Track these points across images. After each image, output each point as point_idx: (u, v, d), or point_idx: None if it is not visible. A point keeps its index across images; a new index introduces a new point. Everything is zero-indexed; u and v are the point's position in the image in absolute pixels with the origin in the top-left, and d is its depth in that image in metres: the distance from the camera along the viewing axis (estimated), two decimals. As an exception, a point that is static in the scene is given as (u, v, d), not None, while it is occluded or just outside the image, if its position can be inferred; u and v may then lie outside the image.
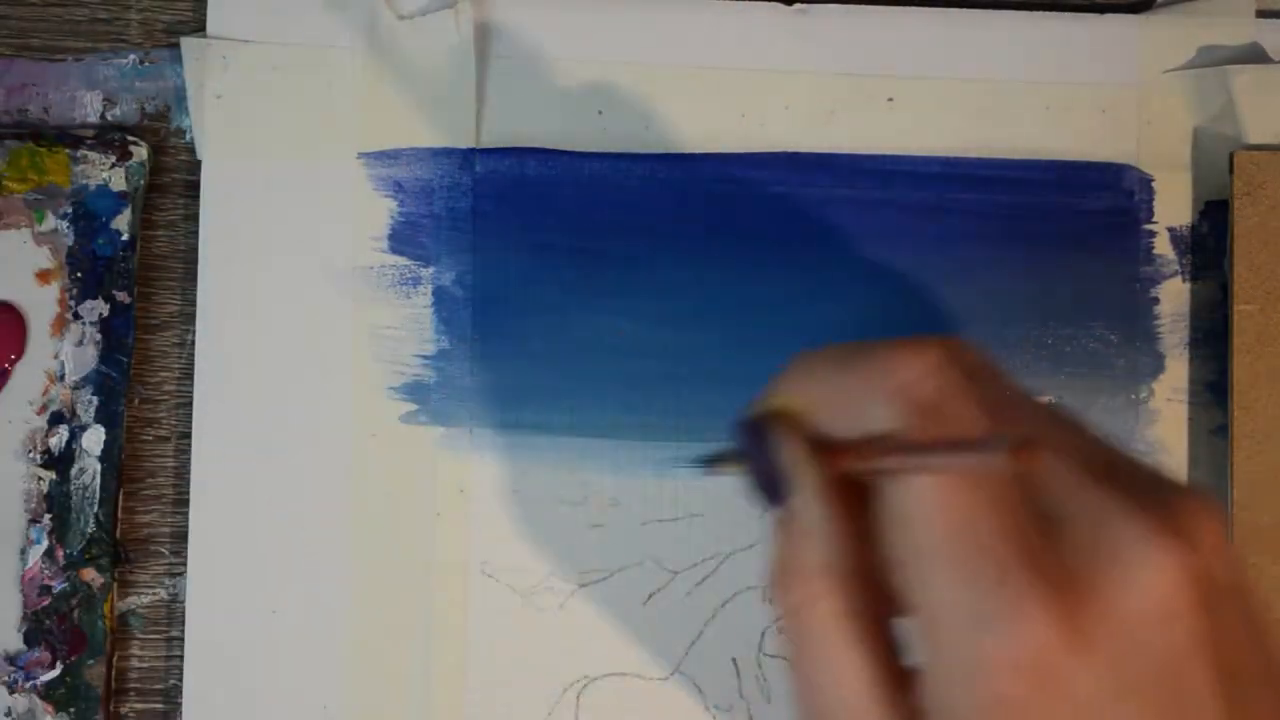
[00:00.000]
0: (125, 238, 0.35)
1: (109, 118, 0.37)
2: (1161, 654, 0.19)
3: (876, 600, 0.22)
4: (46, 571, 0.35)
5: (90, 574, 0.35)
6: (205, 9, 0.36)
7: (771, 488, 0.24)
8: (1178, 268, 0.37)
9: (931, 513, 0.21)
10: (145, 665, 0.36)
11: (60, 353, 0.35)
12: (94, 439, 0.35)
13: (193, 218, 0.36)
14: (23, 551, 0.35)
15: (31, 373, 0.35)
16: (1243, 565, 0.21)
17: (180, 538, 0.36)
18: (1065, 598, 0.19)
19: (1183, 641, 0.19)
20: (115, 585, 0.35)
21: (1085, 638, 0.19)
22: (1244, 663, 0.20)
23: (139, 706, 0.36)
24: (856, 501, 0.23)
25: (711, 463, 0.28)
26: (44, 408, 0.35)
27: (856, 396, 0.22)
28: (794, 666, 0.23)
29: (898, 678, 0.22)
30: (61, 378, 0.35)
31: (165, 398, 0.36)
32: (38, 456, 0.35)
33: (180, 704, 0.35)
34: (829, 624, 0.22)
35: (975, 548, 0.20)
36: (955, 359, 0.22)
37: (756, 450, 0.24)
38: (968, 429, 0.21)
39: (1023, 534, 0.20)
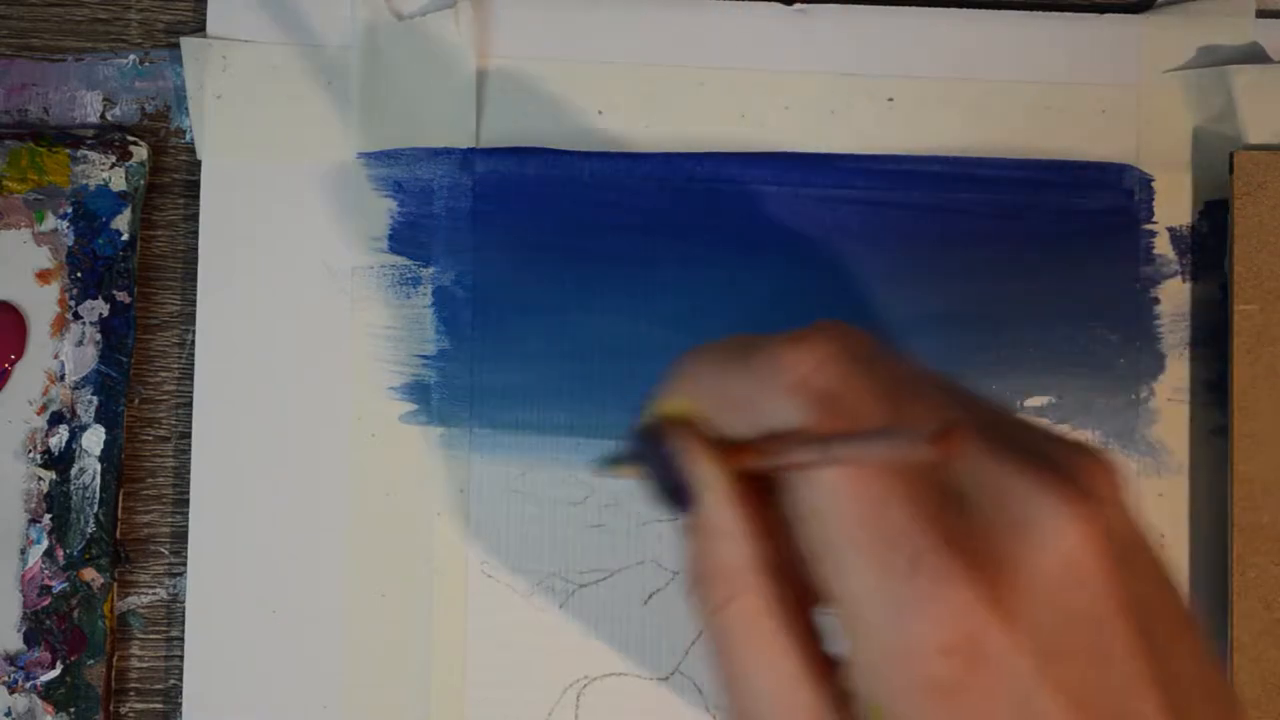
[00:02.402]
0: (125, 238, 0.35)
1: (109, 118, 0.37)
2: (1081, 613, 0.19)
3: (796, 592, 0.22)
4: (46, 571, 0.35)
5: (90, 574, 0.35)
6: (205, 9, 0.36)
7: (676, 493, 0.23)
8: (1178, 268, 0.37)
9: (841, 504, 0.20)
10: (145, 665, 0.36)
11: (60, 353, 0.35)
12: (94, 439, 0.35)
13: (192, 218, 0.36)
14: (23, 551, 0.35)
15: (31, 373, 0.35)
16: (1139, 516, 0.21)
17: (180, 538, 0.36)
18: (982, 574, 0.19)
19: (1098, 598, 0.20)
20: (115, 585, 0.35)
21: (1006, 610, 0.19)
22: (1158, 612, 0.20)
23: (139, 706, 0.36)
24: (763, 495, 0.23)
25: (612, 464, 0.27)
26: (44, 408, 0.35)
27: (751, 396, 0.22)
28: (720, 667, 0.23)
29: (824, 665, 0.22)
30: (61, 378, 0.35)
31: (165, 398, 0.36)
32: (38, 456, 0.35)
33: (180, 704, 0.35)
34: (752, 620, 0.22)
35: (886, 535, 0.20)
36: (845, 346, 0.22)
37: (657, 457, 0.24)
38: (869, 416, 0.21)
39: (933, 516, 0.20)
